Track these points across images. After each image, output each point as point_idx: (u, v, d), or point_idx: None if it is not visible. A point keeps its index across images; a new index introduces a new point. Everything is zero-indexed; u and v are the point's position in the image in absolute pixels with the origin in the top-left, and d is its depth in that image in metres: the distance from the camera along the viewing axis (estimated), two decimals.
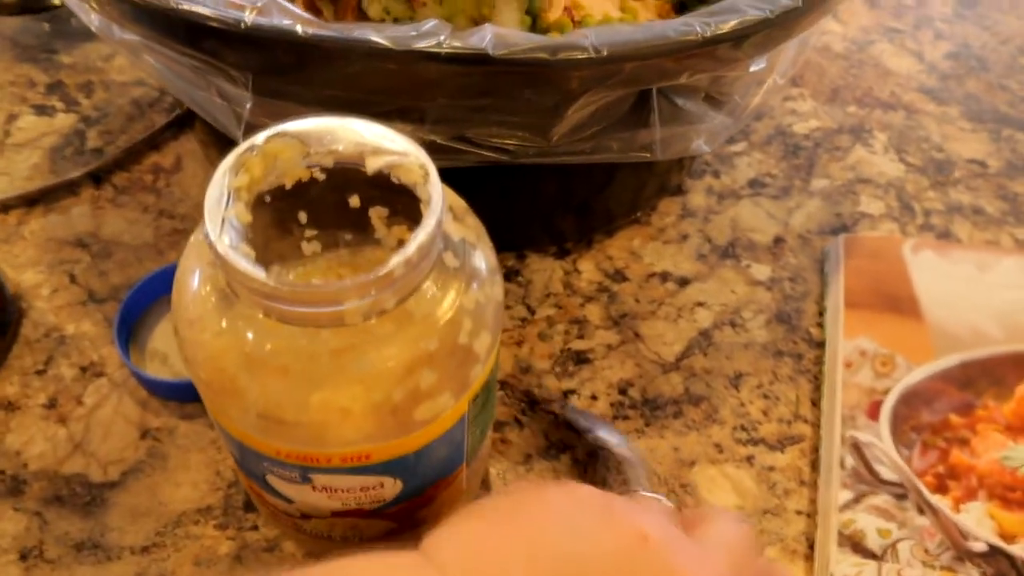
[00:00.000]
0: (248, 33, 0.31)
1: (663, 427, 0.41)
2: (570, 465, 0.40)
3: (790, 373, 0.44)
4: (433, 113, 0.33)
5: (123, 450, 0.39)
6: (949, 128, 0.55)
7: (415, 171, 0.26)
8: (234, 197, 0.26)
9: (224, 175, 0.26)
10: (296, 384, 0.25)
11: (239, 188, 0.26)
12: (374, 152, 0.27)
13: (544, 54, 0.31)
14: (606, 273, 0.47)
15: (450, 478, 0.32)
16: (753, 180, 0.52)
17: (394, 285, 0.24)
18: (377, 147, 0.27)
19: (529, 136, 0.35)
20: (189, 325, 0.26)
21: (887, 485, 0.39)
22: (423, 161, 0.26)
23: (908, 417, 0.41)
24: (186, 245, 0.29)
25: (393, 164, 0.26)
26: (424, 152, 0.26)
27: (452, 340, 0.26)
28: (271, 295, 0.24)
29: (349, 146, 0.27)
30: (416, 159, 0.26)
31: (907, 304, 0.45)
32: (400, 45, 0.30)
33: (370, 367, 0.25)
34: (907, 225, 0.50)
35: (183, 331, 0.27)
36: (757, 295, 0.47)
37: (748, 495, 0.40)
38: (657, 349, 0.44)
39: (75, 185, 0.48)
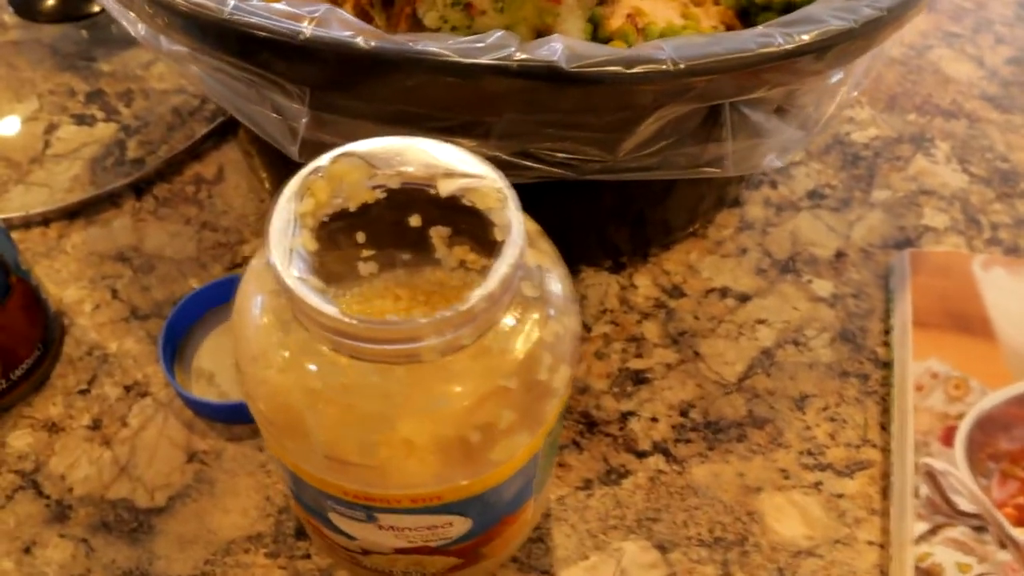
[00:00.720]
0: (306, 45, 0.29)
1: (727, 451, 0.40)
2: (631, 491, 0.38)
3: (856, 395, 0.42)
4: (498, 128, 0.32)
5: (169, 474, 0.38)
6: (1013, 137, 0.53)
7: (491, 196, 0.25)
8: (299, 224, 0.24)
9: (289, 201, 0.24)
10: (367, 425, 0.23)
11: (304, 214, 0.25)
12: (446, 175, 0.25)
13: (619, 67, 0.29)
14: (663, 288, 0.45)
15: (518, 512, 0.30)
16: (812, 191, 0.50)
17: (474, 321, 0.23)
18: (449, 169, 0.25)
19: (596, 151, 0.33)
20: (252, 360, 0.25)
21: (965, 517, 0.37)
22: (500, 185, 0.25)
23: (984, 444, 0.39)
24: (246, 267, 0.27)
25: (468, 188, 0.25)
26: (501, 175, 0.25)
27: (531, 376, 0.25)
28: (344, 332, 0.22)
29: (419, 168, 0.25)
30: (493, 183, 0.25)
31: (979, 324, 0.43)
32: (467, 58, 0.29)
33: (446, 406, 0.24)
34: (973, 239, 0.48)
35: (245, 366, 0.25)
36: (820, 312, 0.45)
37: (817, 524, 0.38)
38: (718, 369, 0.42)
39: (116, 197, 0.47)
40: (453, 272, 0.31)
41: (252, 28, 0.29)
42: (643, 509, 0.38)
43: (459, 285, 0.32)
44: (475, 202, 0.25)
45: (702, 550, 0.37)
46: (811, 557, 0.37)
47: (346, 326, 0.22)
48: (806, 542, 0.37)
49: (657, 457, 0.39)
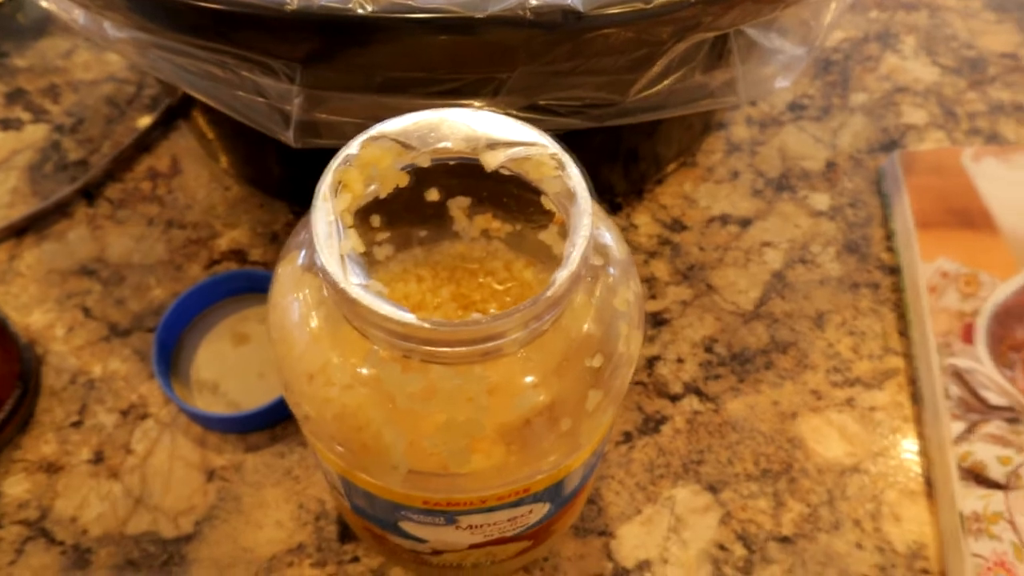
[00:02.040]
0: (295, 17, 0.26)
1: (757, 381, 0.39)
2: (671, 436, 0.38)
3: (871, 305, 0.42)
4: (508, 84, 0.29)
5: (190, 497, 0.35)
6: (975, 23, 0.53)
7: (546, 164, 0.22)
8: (342, 223, 0.22)
9: (325, 200, 0.22)
10: (456, 433, 0.22)
11: (343, 212, 0.22)
12: (490, 145, 0.23)
13: (640, 3, 0.27)
14: (664, 224, 0.44)
15: (589, 482, 0.29)
16: (792, 104, 0.49)
17: (558, 307, 0.21)
18: (492, 139, 0.23)
19: (607, 95, 0.31)
20: (309, 379, 0.23)
21: (997, 411, 0.38)
22: (555, 150, 0.22)
23: (1004, 336, 0.40)
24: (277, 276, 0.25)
25: (517, 157, 0.23)
26: (550, 138, 0.23)
27: (613, 350, 0.23)
28: (424, 338, 0.20)
29: (459, 142, 0.23)
30: (544, 150, 0.23)
31: (980, 217, 0.43)
32: (475, 11, 0.26)
33: (535, 399, 0.22)
34: (954, 131, 0.48)
35: (300, 386, 0.23)
36: (821, 227, 0.44)
37: (856, 440, 0.38)
38: (733, 299, 0.42)
39: (65, 205, 0.42)
40: (474, 243, 0.29)
41: (231, 5, 0.26)
42: (686, 453, 0.37)
43: (482, 256, 0.30)
44: (527, 172, 0.23)
45: (751, 484, 0.37)
46: (856, 473, 0.37)
47: (426, 332, 0.20)
48: (849, 459, 0.37)
49: (691, 398, 0.39)
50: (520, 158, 0.23)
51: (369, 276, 0.29)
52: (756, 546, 0.35)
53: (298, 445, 0.36)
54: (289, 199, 0.43)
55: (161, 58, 0.31)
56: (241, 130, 0.38)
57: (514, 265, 0.29)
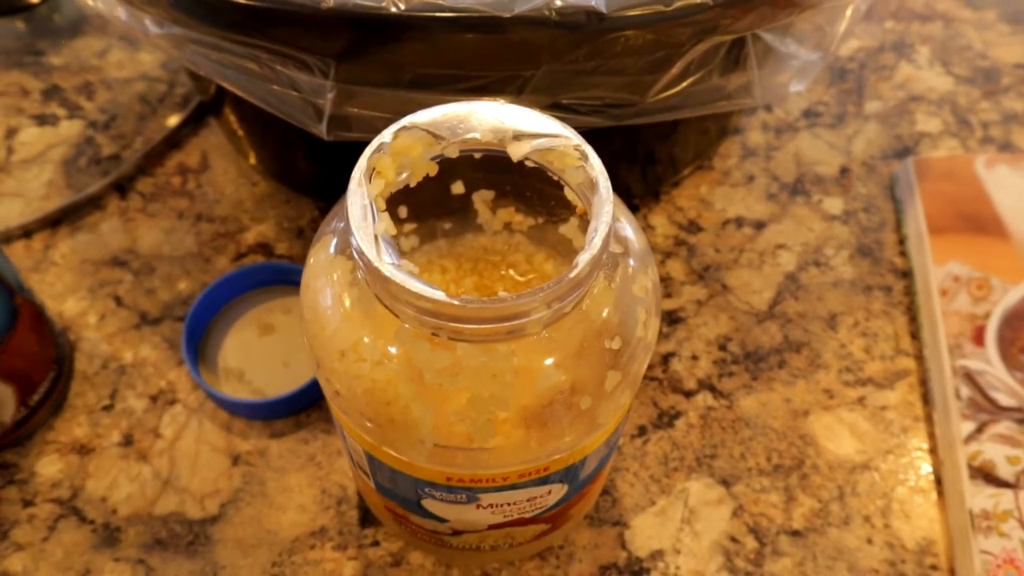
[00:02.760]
0: (331, 15, 0.27)
1: (770, 379, 0.40)
2: (685, 431, 0.38)
3: (883, 307, 0.43)
4: (533, 82, 0.30)
5: (216, 480, 0.36)
6: (989, 34, 0.54)
7: (569, 155, 0.24)
8: (376, 207, 0.23)
9: (360, 184, 0.23)
10: (479, 407, 0.23)
11: (377, 197, 0.23)
12: (516, 137, 0.24)
13: (660, 6, 0.28)
14: (680, 225, 0.45)
15: (605, 469, 0.30)
16: (807, 111, 0.50)
17: (580, 288, 0.22)
18: (518, 131, 0.24)
19: (626, 95, 0.32)
20: (340, 356, 0.24)
21: (1007, 411, 0.38)
22: (577, 142, 0.24)
23: (1014, 339, 0.40)
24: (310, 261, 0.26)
25: (542, 148, 0.24)
26: (575, 132, 0.24)
27: (631, 334, 0.24)
28: (451, 315, 0.21)
29: (487, 133, 0.24)
30: (568, 141, 0.24)
31: (991, 223, 0.44)
32: (502, 11, 0.27)
33: (557, 378, 0.23)
34: (968, 140, 0.49)
35: (332, 363, 0.24)
36: (835, 230, 0.45)
37: (867, 438, 0.39)
38: (747, 299, 0.42)
39: (98, 198, 0.44)
40: (497, 235, 0.30)
41: (270, 1, 0.27)
42: (700, 447, 0.38)
43: (504, 248, 0.31)
44: (552, 162, 0.24)
45: (764, 479, 0.37)
46: (867, 471, 0.38)
47: (454, 309, 0.21)
48: (860, 457, 0.38)
49: (705, 394, 0.39)
50: (544, 149, 0.24)
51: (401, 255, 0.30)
52: (767, 539, 0.36)
53: (322, 432, 0.38)
54: (315, 195, 0.44)
55: (199, 53, 0.32)
56: (270, 127, 0.40)
57: (535, 258, 0.30)
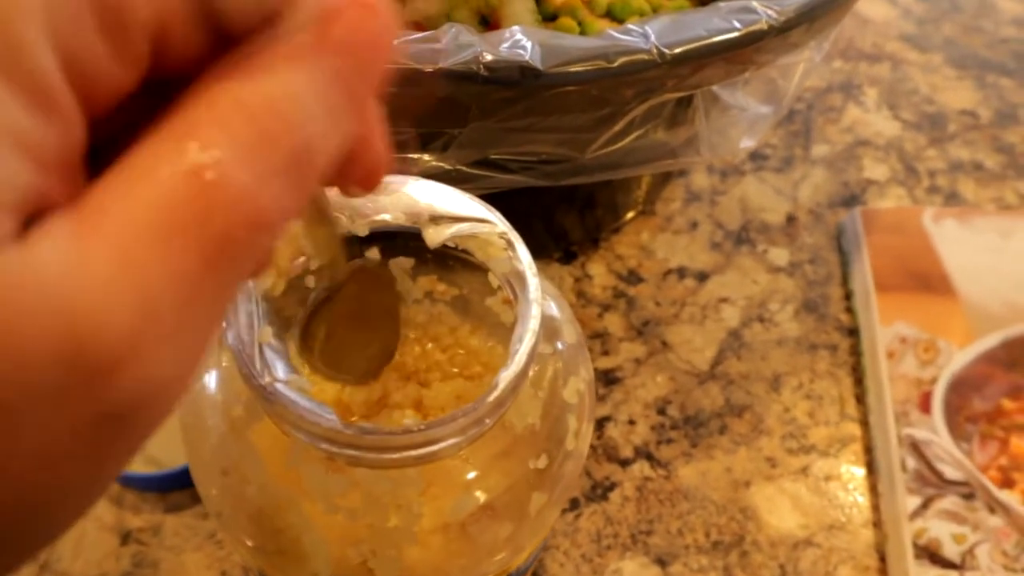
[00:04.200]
0: None
1: (711, 446, 0.38)
2: (620, 504, 0.36)
3: (828, 367, 0.41)
4: (459, 139, 0.27)
5: (102, 562, 0.33)
6: (935, 78, 0.53)
7: (494, 243, 0.21)
8: (264, 310, 0.20)
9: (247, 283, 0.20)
10: (384, 542, 0.19)
11: (266, 293, 0.20)
12: (433, 220, 0.21)
13: (602, 62, 0.25)
14: (619, 275, 0.42)
15: (529, 570, 0.27)
16: (754, 153, 0.48)
17: (502, 409, 0.19)
18: (436, 212, 0.21)
19: (564, 151, 0.30)
20: (222, 474, 0.20)
21: (953, 485, 0.37)
22: (503, 229, 0.21)
23: (961, 407, 0.39)
24: None
25: (463, 235, 0.21)
26: (500, 216, 0.21)
27: (559, 448, 0.21)
28: (348, 443, 0.18)
29: (399, 215, 0.21)
30: (494, 227, 0.21)
31: (938, 282, 0.42)
32: (427, 64, 0.24)
33: (472, 504, 0.20)
34: (914, 189, 0.47)
35: (212, 479, 0.21)
36: (780, 283, 0.43)
37: (810, 511, 0.37)
38: (688, 357, 0.40)
39: None
40: (419, 305, 0.27)
41: None
42: (635, 523, 0.36)
43: (425, 320, 0.28)
44: (472, 250, 0.21)
45: (702, 557, 0.35)
46: (810, 547, 0.36)
47: (349, 438, 0.18)
48: (802, 532, 0.36)
49: (641, 463, 0.37)
50: (466, 235, 0.21)
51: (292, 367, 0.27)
52: None
53: None
54: None
55: None
56: None
57: (459, 331, 0.27)
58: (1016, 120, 0.51)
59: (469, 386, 0.22)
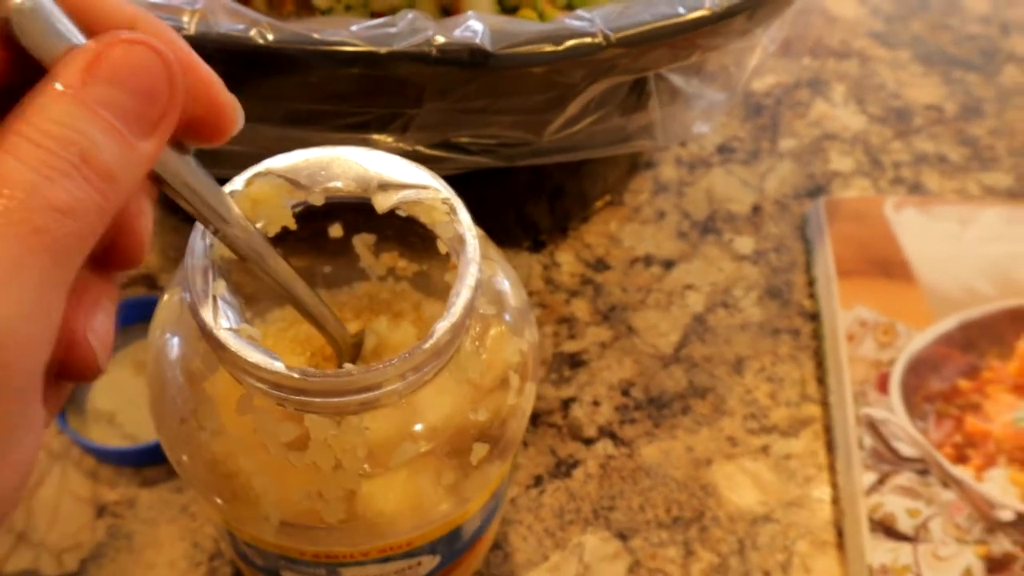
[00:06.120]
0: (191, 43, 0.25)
1: (673, 426, 0.39)
2: (583, 481, 0.37)
3: (790, 351, 0.42)
4: (418, 120, 0.29)
5: (77, 533, 0.34)
6: (902, 74, 0.54)
7: (437, 208, 0.22)
8: (219, 266, 0.21)
9: (203, 237, 0.21)
10: (328, 484, 0.21)
11: (223, 253, 0.21)
12: (381, 187, 0.22)
13: (549, 45, 0.27)
14: (587, 263, 0.43)
15: (485, 535, 0.28)
16: (721, 146, 0.49)
17: (439, 358, 0.20)
18: (384, 180, 0.22)
19: (521, 134, 0.31)
20: (179, 422, 0.22)
21: (908, 462, 0.38)
22: (446, 195, 0.22)
23: (918, 387, 0.40)
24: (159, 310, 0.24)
25: (408, 201, 0.22)
26: (444, 183, 0.22)
27: (500, 402, 0.23)
28: (293, 388, 0.19)
29: (349, 183, 0.22)
30: (436, 194, 0.22)
31: (898, 268, 0.43)
32: (381, 46, 0.26)
33: (415, 451, 0.21)
34: (879, 180, 0.49)
35: (170, 428, 0.22)
36: (744, 271, 0.44)
37: (769, 488, 0.38)
38: (653, 341, 0.41)
39: None
40: (382, 282, 0.29)
41: None
42: (598, 499, 0.37)
43: (389, 296, 0.29)
44: (418, 215, 0.22)
45: (662, 532, 0.36)
46: (768, 523, 0.37)
47: (295, 382, 0.19)
48: (761, 508, 0.37)
49: (605, 442, 0.38)
50: (411, 201, 0.22)
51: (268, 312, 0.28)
52: None
53: None
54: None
55: None
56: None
57: (422, 306, 0.28)
58: (980, 114, 0.52)
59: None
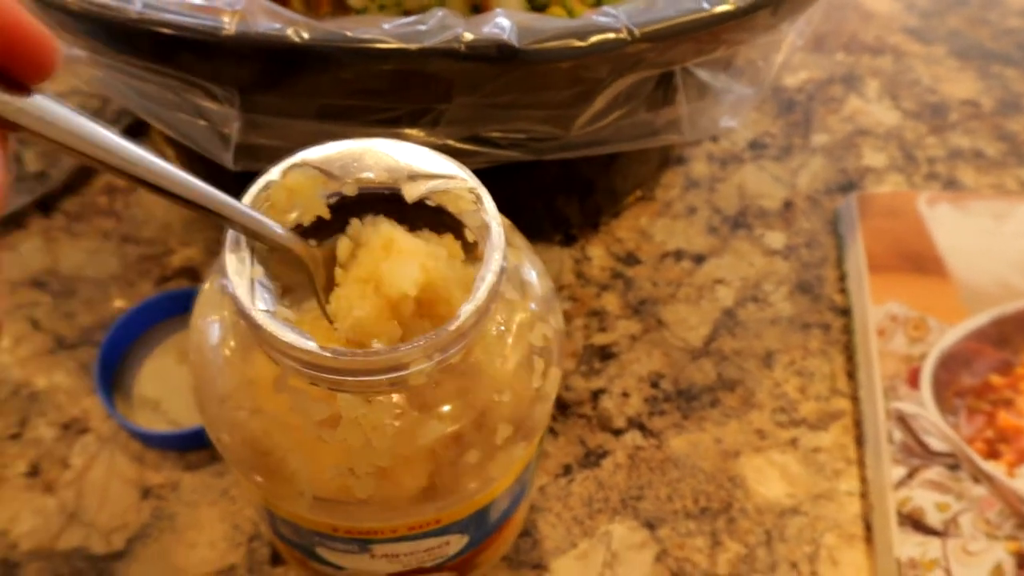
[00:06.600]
0: (230, 43, 0.26)
1: (702, 418, 0.39)
2: (612, 470, 0.38)
3: (820, 346, 0.42)
4: (448, 114, 0.30)
5: (124, 514, 0.35)
6: (938, 69, 0.54)
7: (463, 197, 0.23)
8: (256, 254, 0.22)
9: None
10: (359, 460, 0.22)
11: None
12: (411, 177, 0.23)
13: (574, 40, 0.27)
14: (618, 257, 0.44)
15: (512, 518, 0.29)
16: (753, 142, 0.49)
17: (464, 339, 0.21)
18: (414, 171, 0.23)
19: (549, 128, 0.32)
20: (220, 402, 0.23)
21: (939, 456, 0.38)
22: (472, 185, 0.23)
23: (949, 382, 0.40)
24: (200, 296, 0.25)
25: (437, 190, 0.23)
26: (470, 173, 0.23)
27: (525, 385, 0.23)
28: (326, 367, 0.20)
29: (380, 173, 0.23)
30: (464, 183, 0.23)
31: (931, 263, 0.43)
32: (411, 43, 0.27)
33: (441, 430, 0.22)
34: (913, 175, 0.49)
35: (211, 408, 0.23)
36: (775, 266, 0.44)
37: (797, 481, 0.38)
38: (683, 335, 0.42)
39: (21, 216, 0.43)
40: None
41: (166, 27, 0.26)
42: (626, 488, 0.37)
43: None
44: (446, 205, 0.23)
45: (690, 522, 0.36)
46: (796, 515, 0.37)
47: (327, 360, 0.20)
48: (789, 500, 0.37)
49: (633, 433, 0.39)
50: (439, 191, 0.23)
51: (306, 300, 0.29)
52: None
53: None
54: None
55: (110, 78, 0.31)
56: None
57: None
58: (1019, 109, 0.52)
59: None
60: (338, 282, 0.23)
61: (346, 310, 0.22)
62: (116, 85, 0.31)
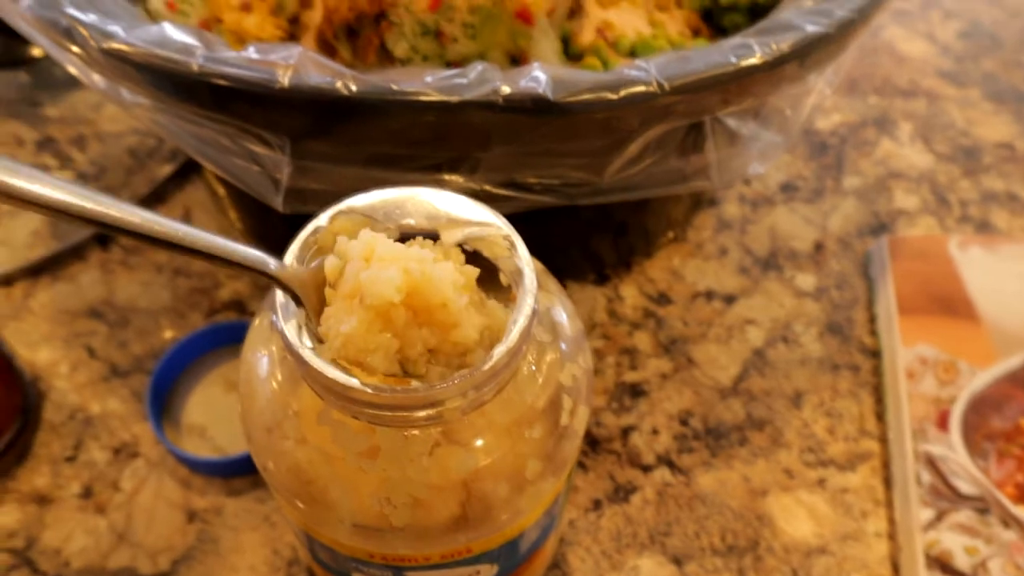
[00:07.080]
0: (284, 95, 0.28)
1: (730, 456, 0.40)
2: (641, 506, 0.38)
3: (850, 387, 0.42)
4: (485, 162, 0.31)
5: (171, 536, 0.37)
6: (972, 112, 0.54)
7: (499, 244, 0.24)
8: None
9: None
10: (396, 490, 0.23)
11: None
12: (449, 224, 0.25)
13: (606, 93, 0.29)
14: (650, 297, 0.45)
15: (542, 549, 0.30)
16: (785, 184, 0.50)
17: (497, 378, 0.22)
18: (453, 218, 0.25)
19: (583, 175, 0.33)
20: (266, 432, 0.24)
21: (968, 500, 0.38)
22: (507, 232, 0.24)
23: (979, 425, 0.40)
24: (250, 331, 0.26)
25: (473, 237, 0.24)
26: (506, 221, 0.24)
27: (554, 423, 0.24)
28: (366, 402, 0.21)
29: (421, 220, 0.25)
30: (499, 230, 0.24)
31: (962, 306, 0.43)
32: (452, 96, 0.28)
33: (474, 464, 0.23)
34: (945, 218, 0.49)
35: (259, 438, 0.25)
36: (805, 307, 0.45)
37: (825, 521, 0.38)
38: (713, 374, 0.42)
39: (81, 249, 0.45)
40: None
41: (224, 79, 0.28)
42: (654, 524, 0.38)
43: None
44: (482, 250, 0.24)
45: (716, 559, 0.37)
46: (823, 555, 0.37)
47: (367, 396, 0.21)
48: (816, 540, 0.38)
49: (663, 470, 0.39)
50: (476, 237, 0.24)
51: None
52: None
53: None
54: None
55: (170, 123, 0.33)
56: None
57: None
58: None
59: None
60: (328, 302, 0.22)
61: (335, 329, 0.21)
62: (173, 129, 0.33)
